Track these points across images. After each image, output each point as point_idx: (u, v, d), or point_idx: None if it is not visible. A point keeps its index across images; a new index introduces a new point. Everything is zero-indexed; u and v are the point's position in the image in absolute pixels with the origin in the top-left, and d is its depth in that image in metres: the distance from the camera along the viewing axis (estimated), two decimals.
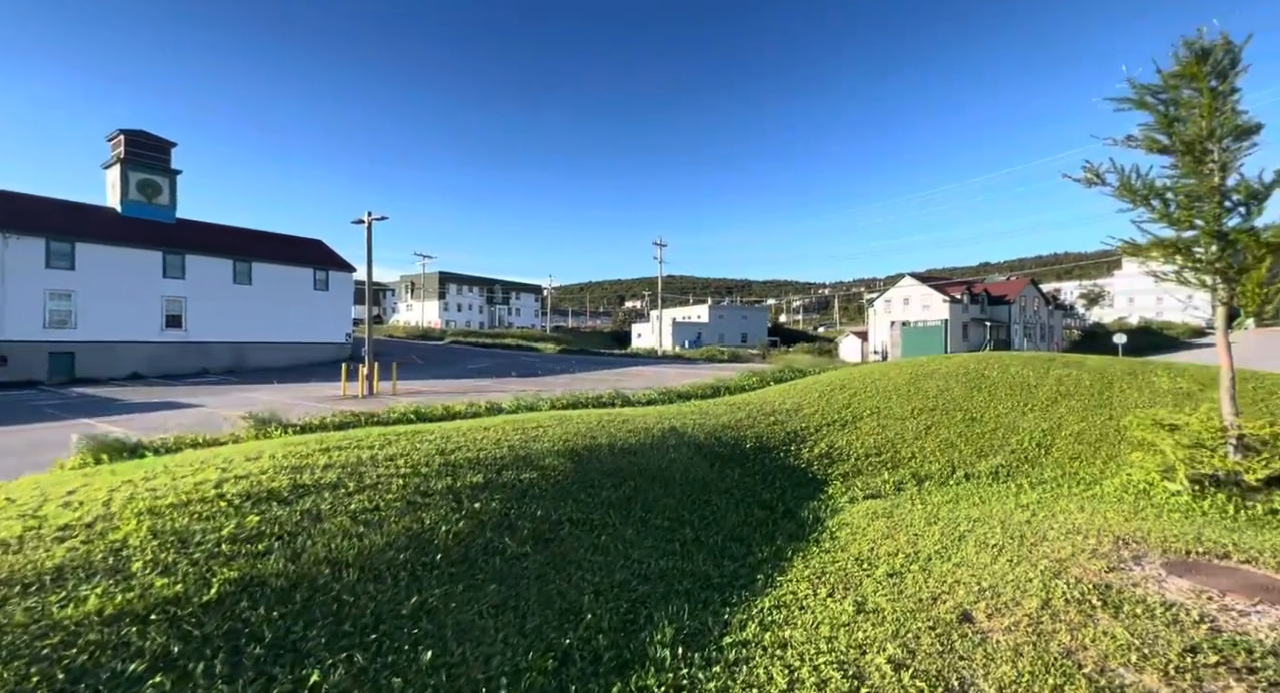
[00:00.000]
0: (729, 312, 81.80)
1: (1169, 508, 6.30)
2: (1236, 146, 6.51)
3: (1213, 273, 6.67)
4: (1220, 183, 6.51)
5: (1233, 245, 6.56)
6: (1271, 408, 8.18)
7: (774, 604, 4.18)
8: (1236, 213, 6.50)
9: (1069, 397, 9.40)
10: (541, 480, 5.25)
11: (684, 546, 5.03)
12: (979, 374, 10.62)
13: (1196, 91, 6.63)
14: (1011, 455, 8.14)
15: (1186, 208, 6.72)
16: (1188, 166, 6.70)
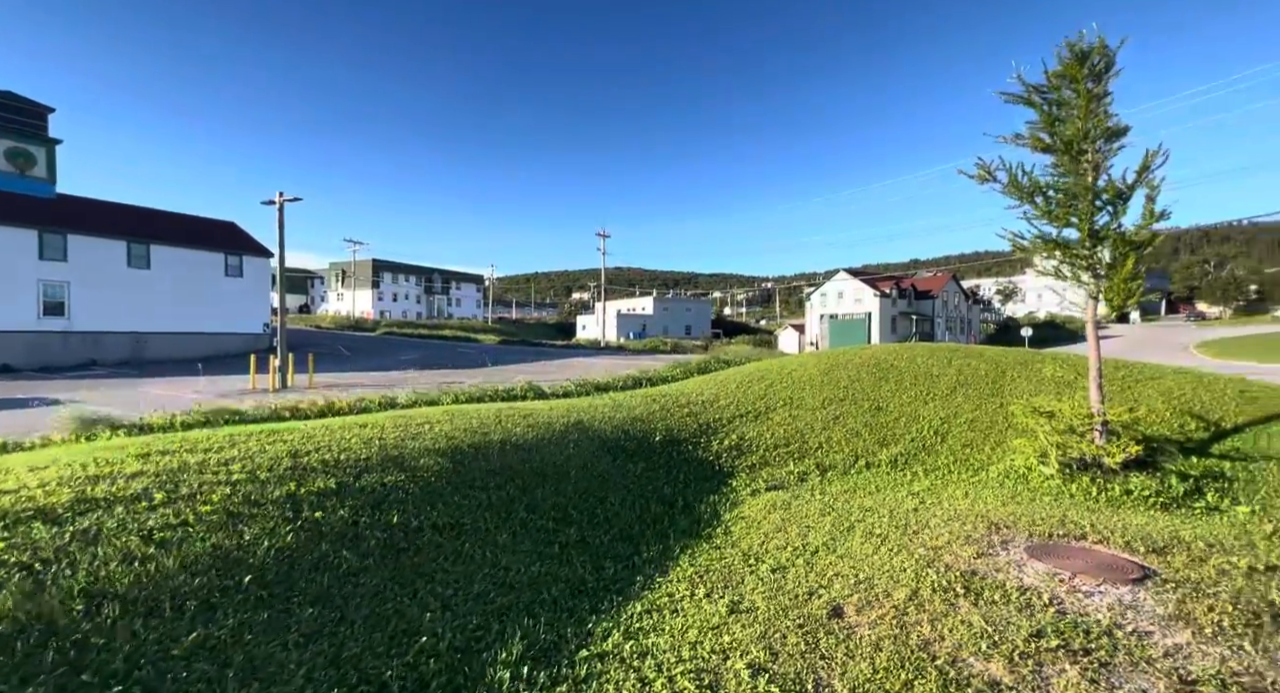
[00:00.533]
0: (674, 303, 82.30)
1: (1043, 491, 6.58)
2: (1108, 148, 6.81)
3: (1086, 268, 6.99)
4: (1093, 182, 6.80)
5: (1103, 242, 6.88)
6: (1137, 395, 8.77)
7: (646, 609, 3.96)
8: (1106, 211, 6.82)
9: (966, 386, 9.78)
10: (409, 483, 4.81)
11: (565, 548, 4.74)
12: (888, 365, 10.90)
13: (1075, 92, 6.88)
14: (911, 444, 8.35)
15: (1064, 206, 7.00)
16: (1066, 165, 6.96)
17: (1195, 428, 7.71)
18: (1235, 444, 7.25)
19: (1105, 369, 9.88)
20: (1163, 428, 7.76)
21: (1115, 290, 6.81)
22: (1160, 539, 5.12)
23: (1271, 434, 7.42)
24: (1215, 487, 6.36)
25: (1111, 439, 7.05)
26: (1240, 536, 5.38)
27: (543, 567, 4.31)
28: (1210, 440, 7.41)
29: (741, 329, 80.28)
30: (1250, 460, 6.88)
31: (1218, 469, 6.74)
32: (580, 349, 44.43)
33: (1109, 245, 6.85)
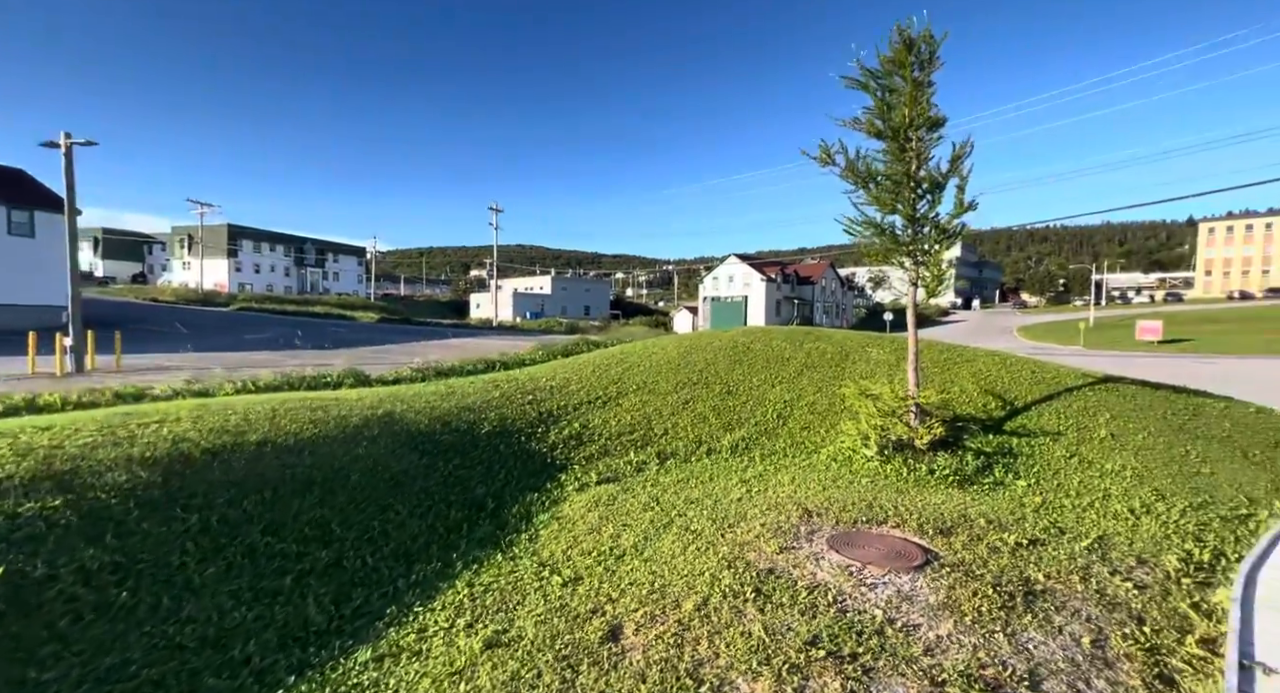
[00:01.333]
0: (573, 283, 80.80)
1: (862, 474, 6.70)
2: (930, 137, 6.93)
3: (908, 253, 7.14)
4: (915, 170, 6.90)
5: (921, 229, 7.05)
6: (953, 377, 9.40)
7: (376, 656, 3.21)
8: (925, 199, 6.97)
9: (813, 369, 9.98)
10: (64, 511, 3.60)
11: (302, 579, 3.84)
12: (744, 348, 10.89)
13: (903, 79, 6.90)
14: (755, 428, 8.27)
15: (891, 192, 7.06)
16: (894, 153, 7.00)
17: (995, 407, 8.36)
18: (1023, 422, 7.92)
19: (932, 353, 10.55)
20: (970, 408, 8.33)
21: (931, 276, 7.01)
22: (949, 519, 5.24)
23: (1053, 411, 8.22)
24: (1003, 463, 6.81)
25: (924, 421, 7.37)
26: (1016, 510, 5.69)
27: (254, 610, 3.39)
28: (1005, 418, 8.04)
29: (640, 311, 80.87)
30: (1033, 436, 7.52)
31: (1008, 446, 7.27)
32: (468, 329, 41.91)
33: (926, 233, 7.02)
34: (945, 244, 6.93)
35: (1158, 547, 5.06)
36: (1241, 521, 5.86)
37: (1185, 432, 7.86)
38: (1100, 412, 8.15)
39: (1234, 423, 8.47)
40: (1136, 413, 8.22)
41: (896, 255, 7.19)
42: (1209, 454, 7.34)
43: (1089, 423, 7.83)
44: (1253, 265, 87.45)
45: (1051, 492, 6.21)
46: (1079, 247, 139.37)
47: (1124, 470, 6.70)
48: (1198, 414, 8.53)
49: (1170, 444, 7.43)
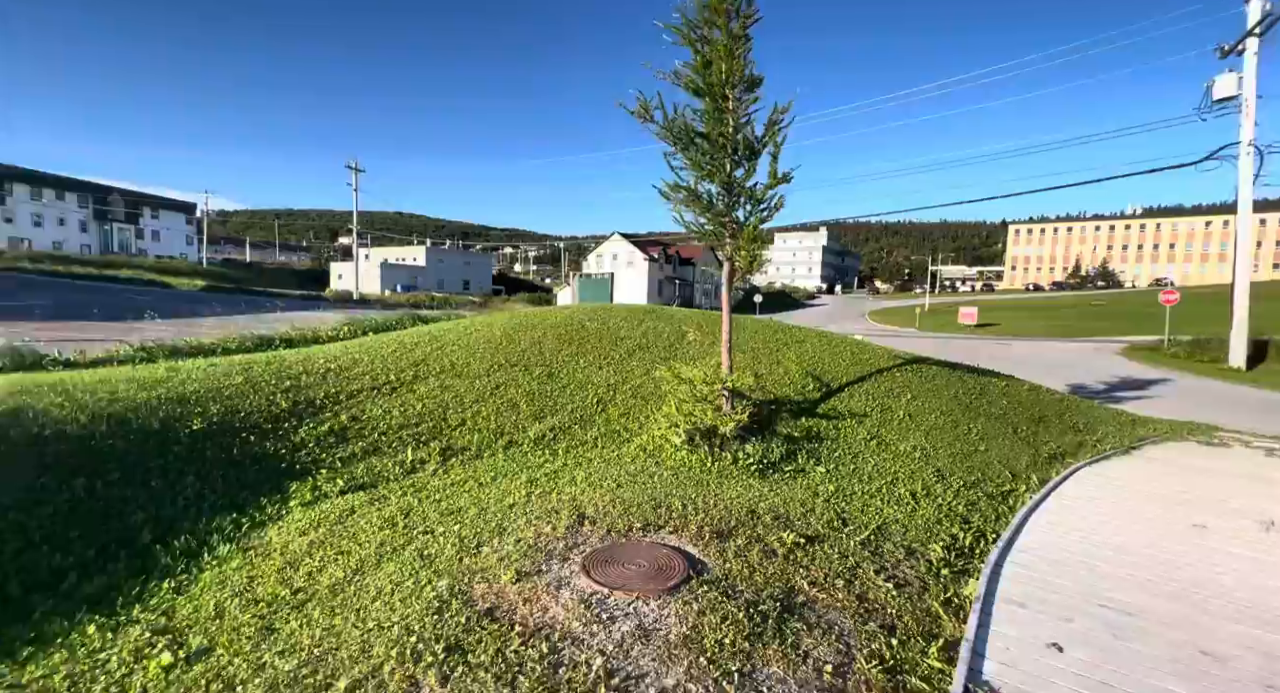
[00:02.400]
0: (450, 256, 75.31)
1: (668, 467, 6.08)
2: (747, 97, 6.32)
3: (723, 225, 6.55)
4: (733, 133, 6.27)
5: (737, 199, 6.49)
6: (780, 358, 9.27)
7: None
8: (742, 167, 6.39)
9: (646, 350, 9.33)
10: None
11: None
12: (579, 327, 9.97)
13: (720, 30, 6.18)
14: (570, 416, 7.38)
15: (708, 154, 6.38)
16: (711, 112, 6.30)
17: (813, 389, 8.28)
18: (835, 404, 7.89)
19: (765, 334, 10.39)
20: (789, 390, 8.16)
21: (743, 252, 6.49)
22: (736, 517, 4.70)
23: (863, 392, 8.32)
24: (808, 448, 6.58)
25: (736, 405, 6.97)
26: (808, 500, 5.34)
27: None
28: (820, 400, 7.96)
29: (525, 286, 77.66)
30: (841, 418, 7.47)
31: (817, 429, 7.11)
32: (320, 302, 36.90)
33: (742, 204, 6.47)
34: (759, 216, 6.43)
35: (929, 533, 4.95)
36: (1004, 498, 6.08)
37: (971, 410, 8.34)
38: (903, 392, 8.39)
39: (1010, 400, 9.23)
40: (933, 393, 8.59)
41: (713, 226, 6.57)
42: (987, 431, 7.79)
43: (892, 404, 8.00)
44: (1044, 263, 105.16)
45: (847, 478, 6.04)
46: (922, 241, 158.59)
47: (914, 452, 6.79)
48: (983, 393, 9.18)
49: (956, 423, 7.78)
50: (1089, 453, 8.03)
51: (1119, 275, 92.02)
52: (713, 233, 6.61)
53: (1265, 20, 20.43)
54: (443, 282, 69.23)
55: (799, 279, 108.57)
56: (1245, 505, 6.17)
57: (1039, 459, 7.40)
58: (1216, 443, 9.57)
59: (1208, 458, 8.48)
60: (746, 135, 6.24)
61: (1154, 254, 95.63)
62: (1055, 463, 7.43)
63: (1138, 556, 4.84)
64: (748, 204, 6.43)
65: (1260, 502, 6.35)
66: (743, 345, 9.58)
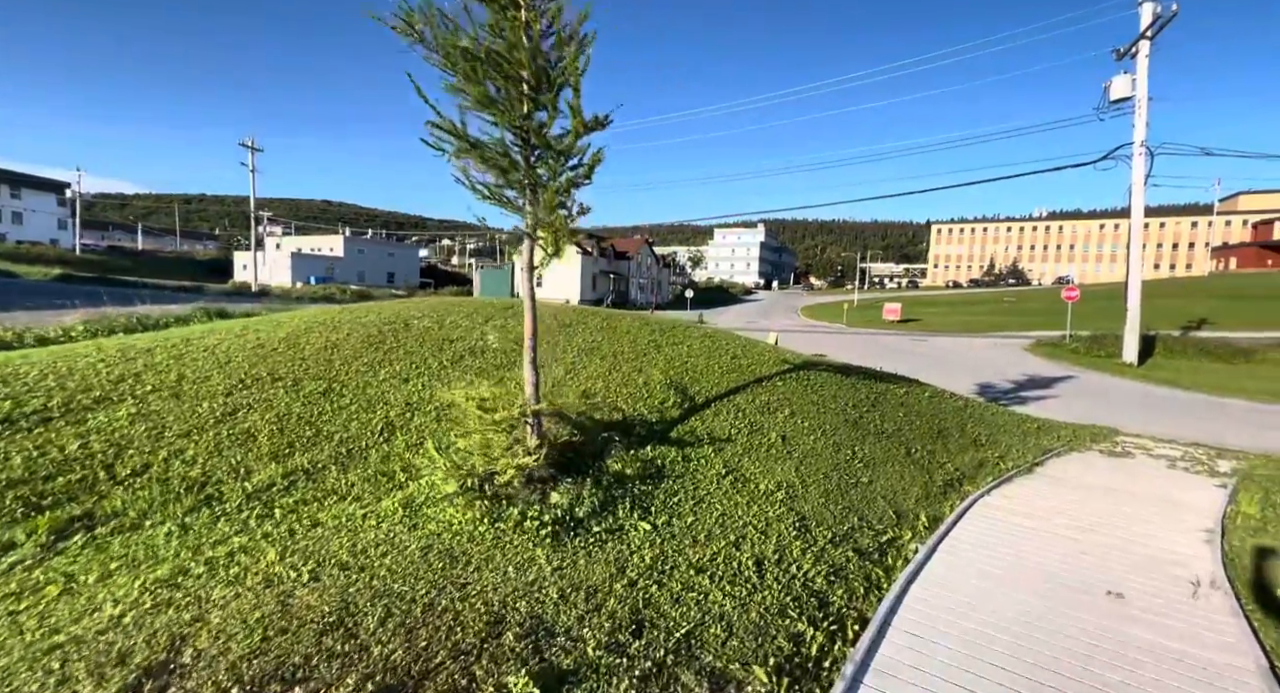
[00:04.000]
0: (372, 246, 70.12)
1: (426, 531, 4.20)
2: (547, 5, 4.47)
3: (520, 185, 4.69)
4: (531, 58, 4.39)
5: (534, 150, 4.65)
6: (647, 364, 7.58)
7: None
8: (542, 107, 4.54)
9: (479, 355, 7.39)
10: None
11: None
12: (404, 325, 7.89)
13: None
14: (334, 450, 5.35)
15: (500, 86, 4.49)
16: (499, 20, 4.40)
17: (673, 404, 6.63)
18: (696, 424, 6.27)
19: (644, 333, 8.68)
20: (643, 407, 6.47)
21: (546, 216, 4.67)
22: (456, 636, 2.89)
23: (734, 407, 6.75)
24: (637, 493, 4.88)
25: (557, 432, 5.19)
26: (605, 585, 3.59)
27: None
28: (678, 420, 6.32)
29: (456, 279, 73.36)
30: (698, 444, 5.84)
31: (660, 462, 5.43)
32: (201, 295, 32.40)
33: (544, 159, 4.63)
34: (567, 176, 4.62)
35: (761, 638, 3.34)
36: (881, 554, 4.60)
37: (860, 427, 6.96)
38: (782, 407, 6.90)
39: (908, 412, 7.99)
40: (818, 407, 7.17)
41: (515, 189, 4.70)
42: (875, 455, 6.40)
43: (765, 422, 6.47)
44: (963, 261, 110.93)
45: (677, 538, 4.37)
46: (855, 239, 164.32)
47: (778, 491, 5.24)
48: (878, 404, 7.88)
49: (839, 446, 6.35)
50: (989, 475, 6.84)
51: (1028, 274, 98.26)
52: (511, 202, 4.74)
53: (1155, 24, 20.80)
54: (363, 274, 64.31)
55: (737, 275, 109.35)
56: (1161, 551, 5.01)
57: (932, 489, 6.07)
58: (1119, 452, 8.75)
59: (1113, 473, 7.52)
60: (543, 54, 4.39)
61: (1057, 254, 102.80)
62: (951, 492, 6.13)
63: (1045, 647, 3.43)
64: (549, 159, 4.61)
65: (1176, 542, 5.23)
66: (602, 350, 7.84)
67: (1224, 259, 70.60)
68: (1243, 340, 24.76)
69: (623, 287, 59.78)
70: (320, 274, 60.49)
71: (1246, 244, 69.07)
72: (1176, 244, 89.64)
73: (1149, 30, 20.90)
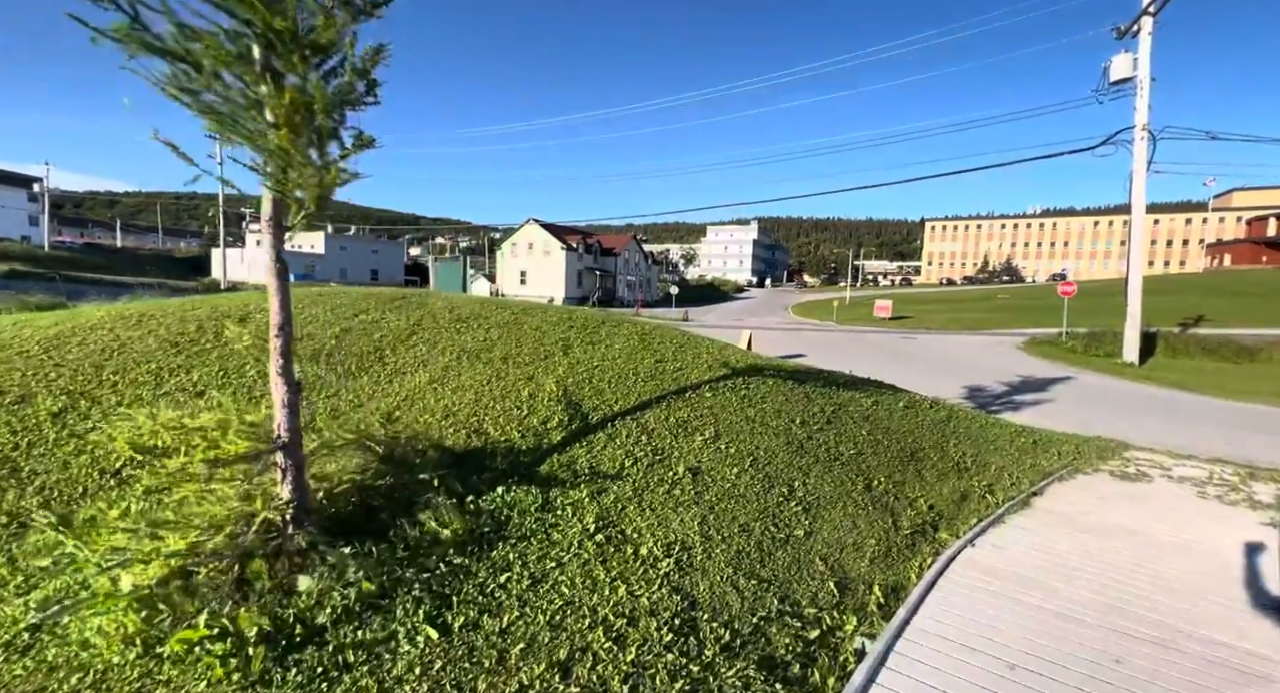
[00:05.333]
0: (355, 244, 68.27)
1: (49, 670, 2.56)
2: None
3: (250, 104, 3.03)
4: None
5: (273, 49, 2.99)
6: (546, 368, 5.86)
7: None
8: None
9: (360, 356, 5.71)
10: None
11: None
12: (197, 327, 6.17)
13: None
14: (29, 499, 3.67)
15: None
16: None
17: (557, 424, 4.98)
18: (579, 451, 4.61)
19: (551, 330, 7.02)
20: (512, 429, 4.81)
21: (298, 176, 3.02)
22: None
23: (639, 426, 5.09)
24: (443, 569, 3.23)
25: (340, 476, 3.54)
26: None
27: None
28: (557, 447, 4.67)
29: None
30: (568, 484, 4.19)
31: (502, 513, 3.78)
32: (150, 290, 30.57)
33: (292, 62, 2.97)
34: (330, 93, 2.99)
35: None
36: (807, 662, 2.97)
37: (806, 452, 5.33)
38: (704, 426, 5.26)
39: (874, 426, 6.37)
40: (754, 425, 5.52)
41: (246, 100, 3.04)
42: (821, 492, 4.77)
43: (676, 448, 4.84)
44: (957, 259, 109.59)
45: (475, 658, 2.73)
46: (849, 237, 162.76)
47: (665, 558, 3.61)
48: (835, 417, 6.24)
49: (772, 480, 4.72)
50: (973, 513, 5.22)
51: (1022, 271, 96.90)
52: (238, 123, 3.06)
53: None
54: (345, 271, 62.53)
55: (730, 273, 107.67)
56: (1226, 649, 3.38)
57: (896, 539, 4.45)
58: (1133, 474, 7.16)
59: (1131, 505, 5.92)
60: None
61: (1051, 251, 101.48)
62: (921, 542, 4.51)
63: None
64: (293, 52, 2.95)
65: (1246, 629, 3.60)
66: (493, 352, 6.18)
67: (1219, 256, 69.33)
68: (1246, 338, 23.27)
69: (609, 284, 58.11)
70: (299, 272, 58.67)
71: (1241, 241, 67.80)
72: (1170, 241, 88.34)
73: (1152, 5, 19.31)
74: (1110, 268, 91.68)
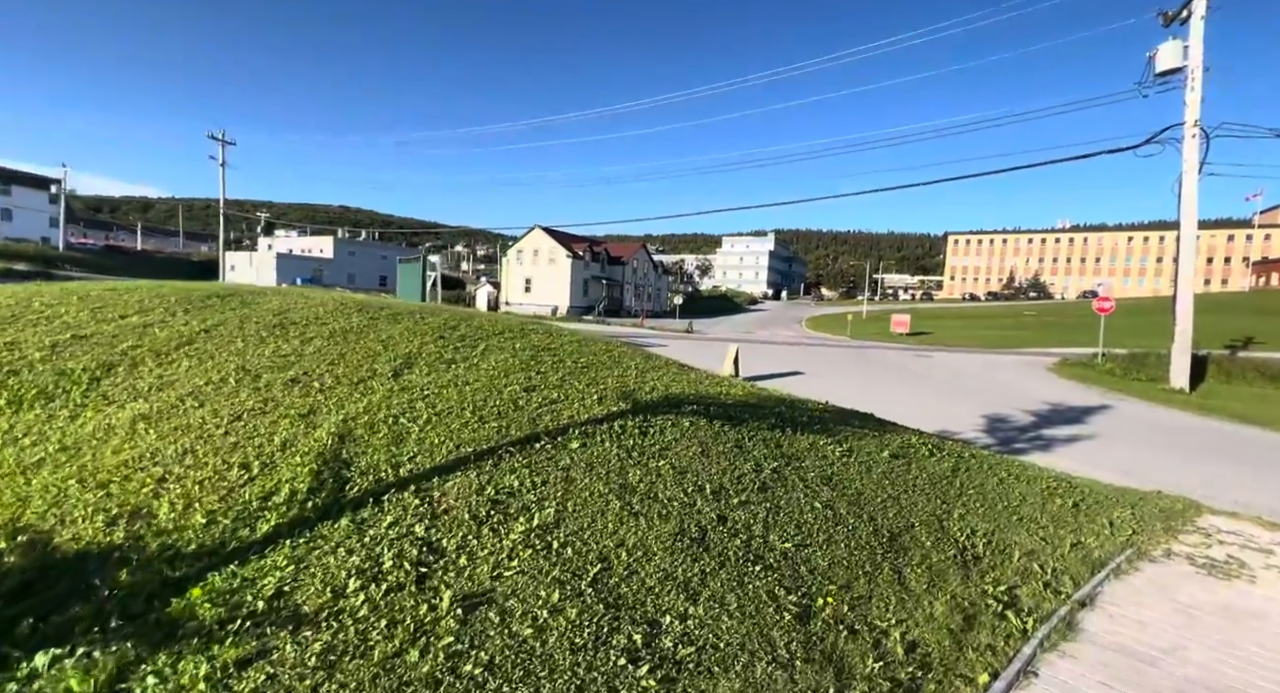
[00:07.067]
0: (364, 249, 68.02)
1: None
2: None
3: None
4: None
5: None
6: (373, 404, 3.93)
7: None
8: None
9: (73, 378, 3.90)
10: None
11: None
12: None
13: None
14: None
15: None
16: None
17: (281, 502, 3.01)
18: (267, 568, 2.64)
19: (426, 336, 5.13)
20: (200, 513, 2.90)
21: None
22: None
23: (427, 502, 3.09)
24: None
25: None
26: None
27: None
28: (246, 551, 2.72)
29: (447, 283, 70.65)
30: (212, 645, 2.25)
31: None
32: None
33: None
34: None
35: None
36: None
37: (708, 546, 3.26)
38: (537, 504, 3.26)
39: (838, 493, 4.27)
40: (632, 497, 3.48)
41: None
42: (713, 633, 2.72)
43: (464, 551, 2.85)
44: (980, 273, 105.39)
45: None
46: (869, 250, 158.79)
47: None
48: (777, 481, 4.16)
49: (621, 618, 2.69)
50: (983, 656, 3.12)
51: (1050, 288, 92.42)
52: None
53: None
54: (354, 276, 62.16)
55: (745, 284, 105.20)
56: None
57: None
58: (1222, 564, 4.94)
59: (1233, 628, 3.74)
60: None
61: (1081, 267, 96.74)
62: None
63: None
64: None
65: None
66: (282, 373, 4.30)
67: (1265, 274, 64.67)
68: None
69: (616, 293, 56.39)
70: (307, 275, 58.47)
71: None
72: (1211, 258, 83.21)
73: None
74: (1146, 285, 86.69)
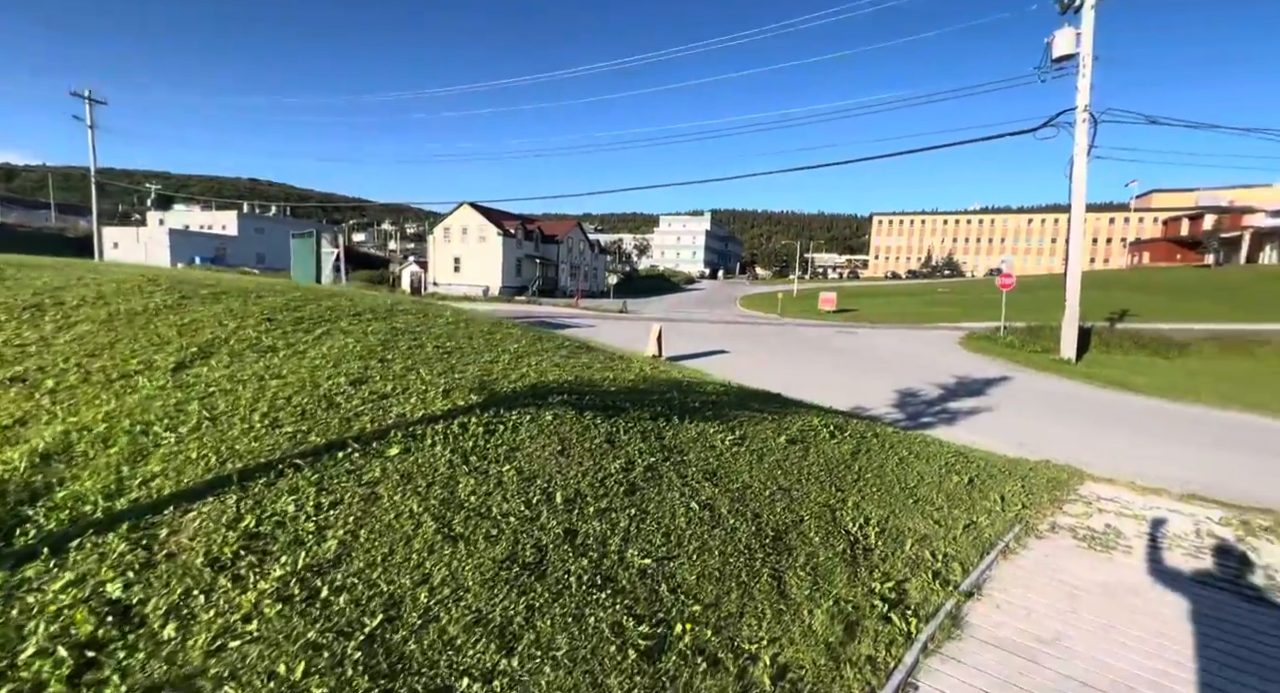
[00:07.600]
0: (275, 225, 62.06)
1: None
2: None
3: None
4: None
5: None
6: None
7: None
8: None
9: None
10: None
11: None
12: None
13: None
14: None
15: None
16: None
17: None
18: None
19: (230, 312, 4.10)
20: None
21: None
22: None
23: (111, 564, 2.30)
24: None
25: None
26: None
27: None
28: None
29: (370, 262, 65.93)
30: None
31: None
32: None
33: None
34: None
35: None
36: None
37: (546, 569, 2.64)
38: (318, 534, 2.53)
39: (722, 488, 3.80)
40: (456, 514, 2.80)
41: None
42: (533, 687, 2.14)
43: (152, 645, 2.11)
44: (903, 252, 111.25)
45: None
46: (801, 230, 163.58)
47: None
48: (650, 479, 3.62)
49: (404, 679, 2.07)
50: (859, 679, 2.73)
51: (962, 266, 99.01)
52: None
53: None
54: (263, 255, 56.65)
55: (683, 264, 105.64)
56: None
57: None
58: (1101, 534, 4.94)
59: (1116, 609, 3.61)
60: None
61: (989, 247, 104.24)
62: None
63: None
64: None
65: None
66: (56, 361, 3.24)
67: (1139, 254, 72.13)
68: (1174, 332, 22.57)
69: (551, 273, 54.69)
70: (208, 255, 52.71)
71: (1158, 239, 70.63)
72: (1095, 239, 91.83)
73: None
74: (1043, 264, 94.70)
